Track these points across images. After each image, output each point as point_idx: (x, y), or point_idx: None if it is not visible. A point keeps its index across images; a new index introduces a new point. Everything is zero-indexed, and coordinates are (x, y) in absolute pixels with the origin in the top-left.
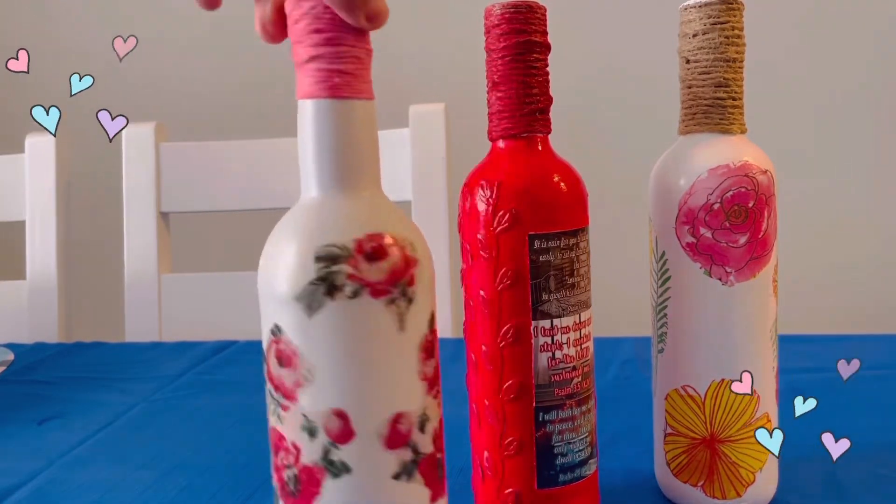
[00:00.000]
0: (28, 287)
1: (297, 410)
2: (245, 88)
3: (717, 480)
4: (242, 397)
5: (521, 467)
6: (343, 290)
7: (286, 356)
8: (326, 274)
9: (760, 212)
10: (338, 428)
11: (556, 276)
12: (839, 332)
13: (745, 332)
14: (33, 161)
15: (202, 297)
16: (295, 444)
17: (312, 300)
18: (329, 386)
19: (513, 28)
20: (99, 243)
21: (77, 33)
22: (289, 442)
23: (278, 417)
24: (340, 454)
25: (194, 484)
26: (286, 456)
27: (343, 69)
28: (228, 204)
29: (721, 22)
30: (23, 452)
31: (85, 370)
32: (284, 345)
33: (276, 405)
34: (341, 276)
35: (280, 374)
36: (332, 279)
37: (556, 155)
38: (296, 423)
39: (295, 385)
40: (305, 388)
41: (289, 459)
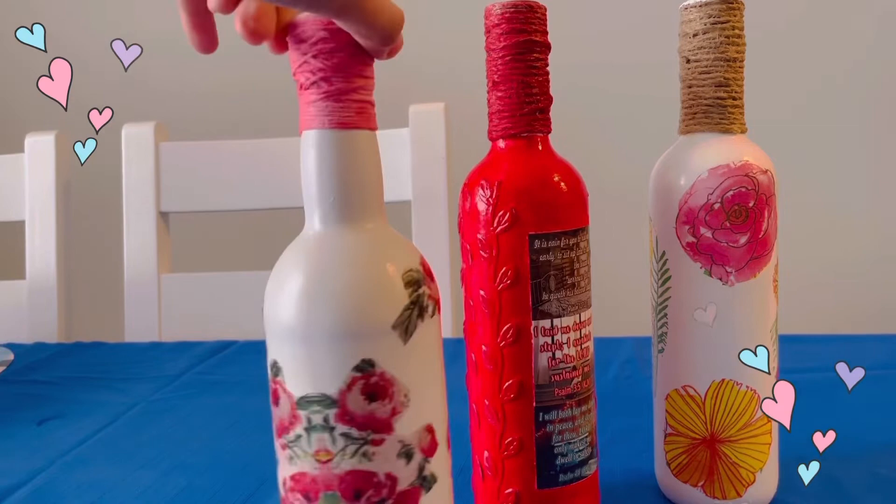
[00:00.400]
0: (28, 287)
1: (394, 439)
2: (245, 88)
3: (717, 480)
4: (242, 397)
5: (521, 467)
6: (427, 310)
7: (381, 388)
8: (417, 297)
9: (761, 211)
10: (428, 442)
11: (557, 275)
12: (839, 332)
13: (746, 332)
14: (33, 161)
15: (202, 297)
16: (389, 475)
17: (409, 325)
18: (421, 405)
19: (513, 28)
20: (98, 243)
21: (77, 33)
22: (381, 476)
23: (363, 457)
24: (431, 467)
25: (194, 484)
26: (376, 493)
27: (348, 100)
28: (228, 204)
29: (721, 21)
30: (23, 452)
31: (85, 370)
32: (378, 377)
33: (358, 446)
34: (425, 297)
35: (371, 410)
36: (421, 301)
37: (556, 155)
38: (391, 453)
39: (391, 414)
40: (402, 415)
41: (381, 494)
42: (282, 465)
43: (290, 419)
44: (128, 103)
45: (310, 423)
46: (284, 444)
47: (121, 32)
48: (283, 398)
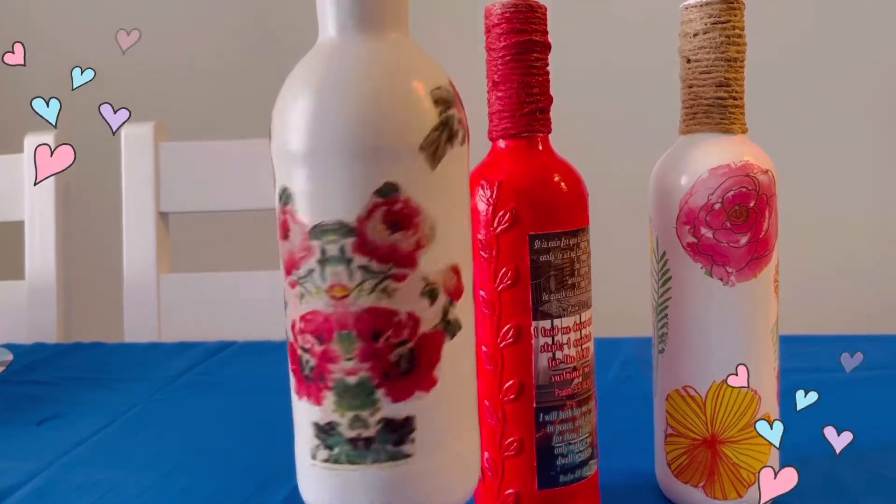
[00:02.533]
0: (27, 287)
1: (417, 276)
2: (245, 88)
3: (717, 481)
4: (242, 397)
5: (521, 468)
6: (457, 136)
7: (405, 217)
8: (447, 118)
9: (761, 212)
10: (454, 284)
11: (557, 276)
12: (839, 332)
13: (747, 332)
14: (32, 161)
15: (201, 297)
16: (411, 315)
17: (437, 148)
18: (448, 242)
19: (513, 27)
20: (98, 243)
21: (77, 33)
22: (402, 315)
23: (383, 293)
24: (455, 312)
25: (194, 484)
26: (395, 333)
27: None
28: (228, 204)
29: (722, 21)
30: (22, 453)
31: (84, 370)
32: (402, 204)
33: (377, 280)
34: (455, 121)
35: (394, 241)
36: (451, 123)
37: (556, 155)
38: (415, 290)
39: (416, 247)
40: (427, 249)
41: (401, 335)
42: (291, 306)
43: (301, 252)
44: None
45: (324, 255)
46: (294, 282)
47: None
48: (293, 229)
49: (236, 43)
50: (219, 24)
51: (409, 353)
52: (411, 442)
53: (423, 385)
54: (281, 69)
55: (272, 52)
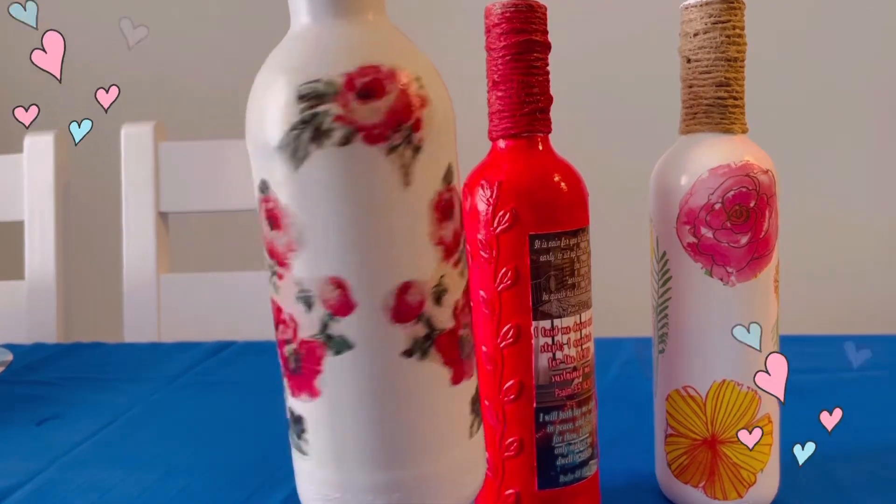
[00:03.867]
0: (27, 287)
1: (291, 279)
2: (245, 88)
3: (718, 481)
4: (242, 397)
5: (521, 468)
6: (331, 135)
7: (275, 216)
8: (310, 116)
9: (762, 212)
10: (336, 298)
11: (557, 276)
12: (839, 332)
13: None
14: (32, 161)
15: (201, 297)
16: (292, 317)
17: (297, 148)
18: (323, 250)
19: (513, 27)
20: (98, 243)
21: (77, 32)
22: (286, 314)
23: (274, 287)
24: (341, 328)
25: (194, 484)
26: (285, 330)
27: None
28: (228, 204)
29: (722, 21)
30: (22, 453)
31: (84, 370)
32: (273, 203)
33: (271, 273)
34: (328, 119)
35: (272, 238)
36: (318, 122)
37: (556, 155)
38: (291, 293)
39: (287, 249)
40: (298, 254)
41: (287, 334)
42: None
43: None
44: (127, 103)
45: None
46: None
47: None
48: None
49: (236, 43)
50: (219, 23)
51: (294, 353)
52: (305, 441)
53: (309, 391)
54: None
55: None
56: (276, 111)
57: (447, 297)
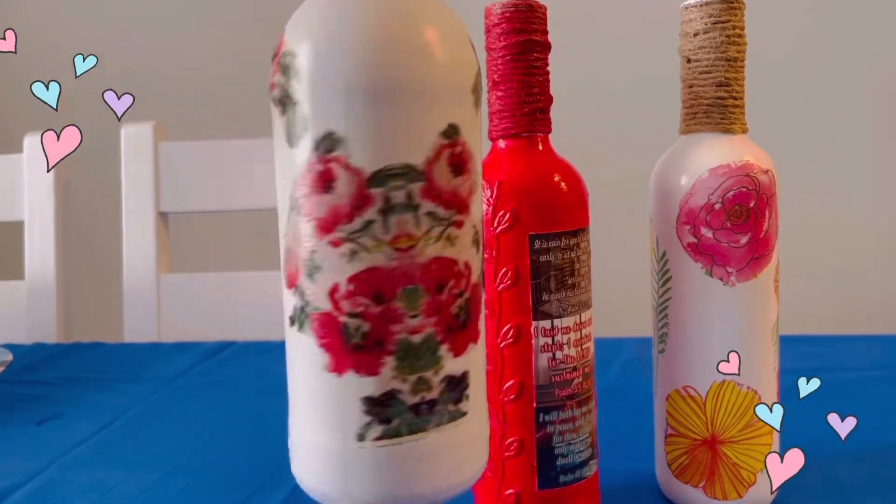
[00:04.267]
0: (27, 287)
1: (470, 222)
2: (245, 88)
3: (718, 481)
4: (242, 397)
5: (521, 468)
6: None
7: (464, 160)
8: (476, 59)
9: (762, 212)
10: (482, 232)
11: (557, 276)
12: (840, 333)
13: (747, 332)
14: (32, 161)
15: (201, 298)
16: (468, 264)
17: (479, 92)
18: (479, 188)
19: (513, 27)
20: (98, 243)
21: (77, 32)
22: (461, 265)
23: (448, 241)
24: (482, 263)
25: (194, 484)
26: (457, 284)
27: None
28: (228, 204)
29: (722, 21)
30: (22, 453)
31: (84, 370)
32: (461, 147)
33: (443, 227)
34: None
35: (455, 185)
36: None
37: (556, 154)
38: (469, 237)
39: (470, 192)
40: (475, 195)
41: (460, 286)
42: (332, 268)
43: (354, 203)
44: None
45: (389, 203)
46: (341, 239)
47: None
48: (343, 179)
49: (236, 43)
50: (219, 23)
51: (465, 303)
52: (466, 399)
53: (474, 337)
54: None
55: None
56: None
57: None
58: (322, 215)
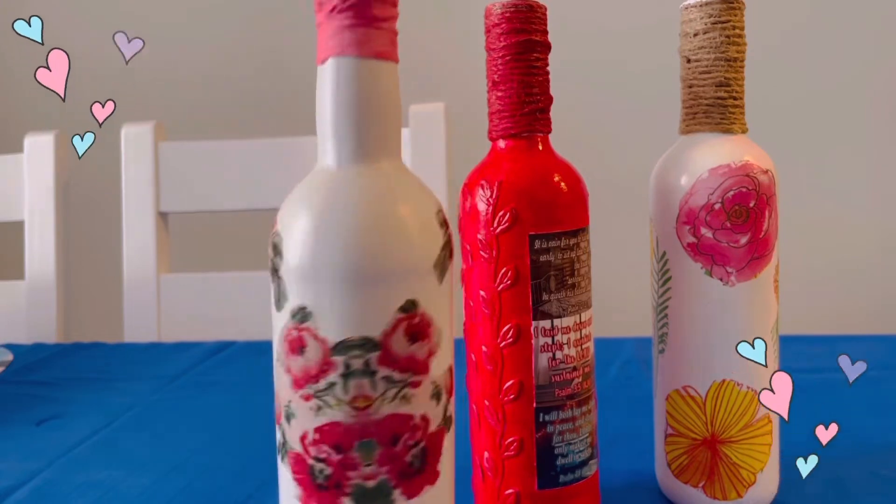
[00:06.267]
0: (27, 287)
1: (428, 381)
2: (245, 88)
3: (717, 481)
4: (242, 397)
5: (521, 468)
6: (452, 252)
7: (422, 329)
8: (448, 238)
9: (761, 211)
10: (449, 382)
11: (557, 276)
12: (839, 332)
13: (747, 332)
14: (32, 161)
15: (201, 297)
16: (424, 417)
17: (444, 266)
18: (446, 346)
19: (513, 27)
20: (98, 243)
21: (77, 32)
22: (417, 418)
23: (402, 400)
24: (450, 407)
25: (194, 484)
26: (412, 435)
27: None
28: (228, 204)
29: (722, 21)
30: (21, 453)
31: (84, 370)
32: (419, 318)
33: (398, 389)
34: (451, 238)
35: (412, 351)
36: (450, 242)
37: (556, 155)
38: (426, 394)
39: (428, 356)
40: (436, 356)
41: (416, 437)
42: (302, 418)
43: (320, 367)
44: (127, 103)
45: (348, 369)
46: (309, 395)
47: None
48: (312, 346)
49: (236, 43)
50: (219, 24)
51: (421, 451)
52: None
53: (431, 479)
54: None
55: (272, 52)
56: (424, 237)
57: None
58: (296, 373)
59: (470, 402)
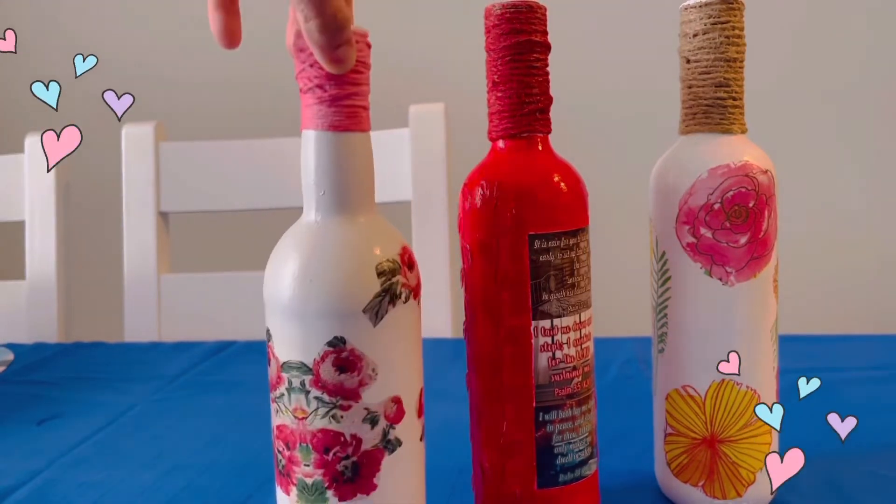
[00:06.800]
0: (27, 287)
1: (360, 407)
2: (245, 88)
3: (717, 480)
4: (242, 397)
5: (521, 467)
6: (400, 297)
7: (350, 362)
8: (388, 286)
9: (761, 212)
10: (394, 411)
11: (557, 276)
12: (839, 333)
13: (746, 332)
14: (33, 161)
15: (202, 297)
16: (355, 436)
17: (379, 310)
18: (388, 379)
19: (513, 28)
20: (98, 243)
21: (78, 33)
22: (347, 436)
23: (332, 419)
24: (395, 432)
25: (194, 484)
26: (342, 449)
27: (341, 105)
28: (228, 204)
29: (721, 22)
30: (22, 452)
31: (84, 370)
32: (348, 353)
33: (328, 408)
34: (398, 286)
35: (339, 381)
36: (393, 289)
37: (556, 155)
38: (357, 418)
39: (359, 385)
40: (369, 387)
41: (346, 451)
42: (273, 414)
43: (276, 378)
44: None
45: (290, 385)
46: (273, 399)
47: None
48: (272, 360)
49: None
50: None
51: (352, 465)
52: None
53: (365, 489)
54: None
55: (272, 52)
56: (356, 284)
57: None
58: (270, 378)
59: (470, 401)
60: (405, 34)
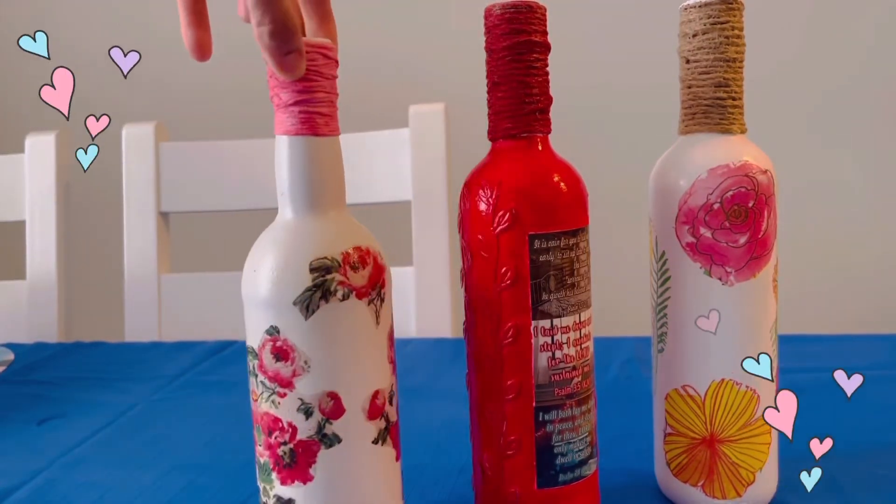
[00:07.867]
0: (28, 287)
1: (294, 396)
2: (245, 88)
3: (717, 480)
4: (242, 397)
5: (521, 467)
6: (336, 294)
7: (283, 352)
8: (321, 282)
9: (760, 211)
10: (331, 407)
11: (556, 275)
12: (839, 332)
13: (746, 332)
14: (33, 161)
15: (202, 297)
16: (291, 424)
17: (310, 304)
18: (323, 373)
19: (513, 28)
20: (98, 243)
21: (78, 33)
22: (284, 423)
23: (273, 403)
24: (333, 428)
25: (194, 484)
26: (281, 434)
27: (316, 111)
28: (228, 204)
29: (721, 22)
30: (22, 452)
31: (85, 370)
32: (282, 343)
33: (269, 393)
34: (334, 284)
35: (276, 368)
36: (327, 286)
37: (556, 155)
38: (292, 406)
39: (292, 375)
40: (301, 377)
41: (284, 437)
42: None
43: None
44: (128, 103)
45: (248, 367)
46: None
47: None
48: None
49: (237, 43)
50: (219, 24)
51: (290, 451)
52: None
53: (302, 478)
54: None
55: None
56: (291, 278)
57: (394, 398)
58: None
59: (470, 401)
60: (405, 34)
